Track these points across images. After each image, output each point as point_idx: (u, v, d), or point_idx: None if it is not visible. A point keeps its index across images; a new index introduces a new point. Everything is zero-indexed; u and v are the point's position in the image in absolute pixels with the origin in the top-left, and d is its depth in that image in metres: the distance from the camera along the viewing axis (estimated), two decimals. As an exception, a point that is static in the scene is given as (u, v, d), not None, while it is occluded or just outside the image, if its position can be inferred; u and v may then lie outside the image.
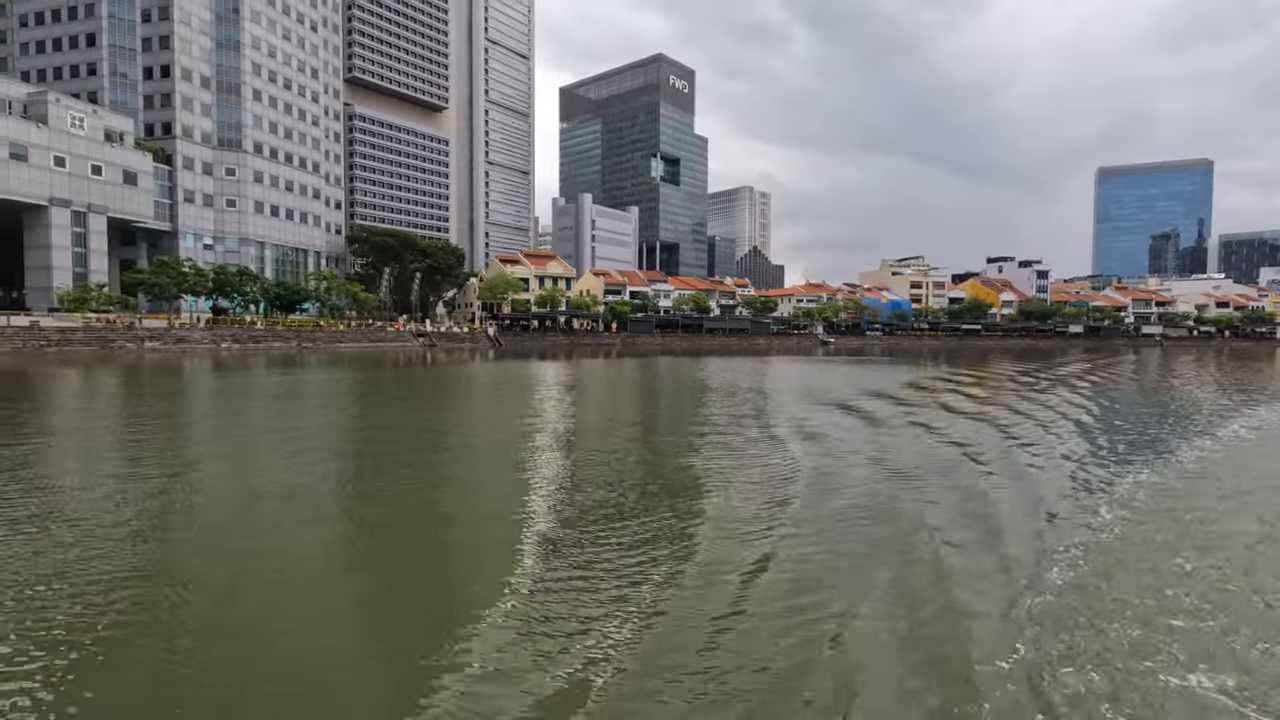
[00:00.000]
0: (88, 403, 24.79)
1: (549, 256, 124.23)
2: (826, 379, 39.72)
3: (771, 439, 16.72)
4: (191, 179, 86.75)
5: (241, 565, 7.91)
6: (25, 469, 12.67)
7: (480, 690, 5.17)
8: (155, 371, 39.23)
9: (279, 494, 11.12)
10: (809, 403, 25.71)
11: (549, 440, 16.84)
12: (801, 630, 6.11)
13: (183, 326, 66.45)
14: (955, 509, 10.32)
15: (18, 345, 50.38)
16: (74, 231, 70.74)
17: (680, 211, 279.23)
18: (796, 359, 74.25)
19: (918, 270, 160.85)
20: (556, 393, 30.81)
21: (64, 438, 16.66)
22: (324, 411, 23.49)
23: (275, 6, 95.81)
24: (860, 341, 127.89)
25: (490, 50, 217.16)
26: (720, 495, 11.00)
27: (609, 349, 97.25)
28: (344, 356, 63.02)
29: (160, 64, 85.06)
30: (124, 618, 6.36)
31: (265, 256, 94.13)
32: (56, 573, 7.36)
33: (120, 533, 8.81)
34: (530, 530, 9.07)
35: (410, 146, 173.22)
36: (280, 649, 5.91)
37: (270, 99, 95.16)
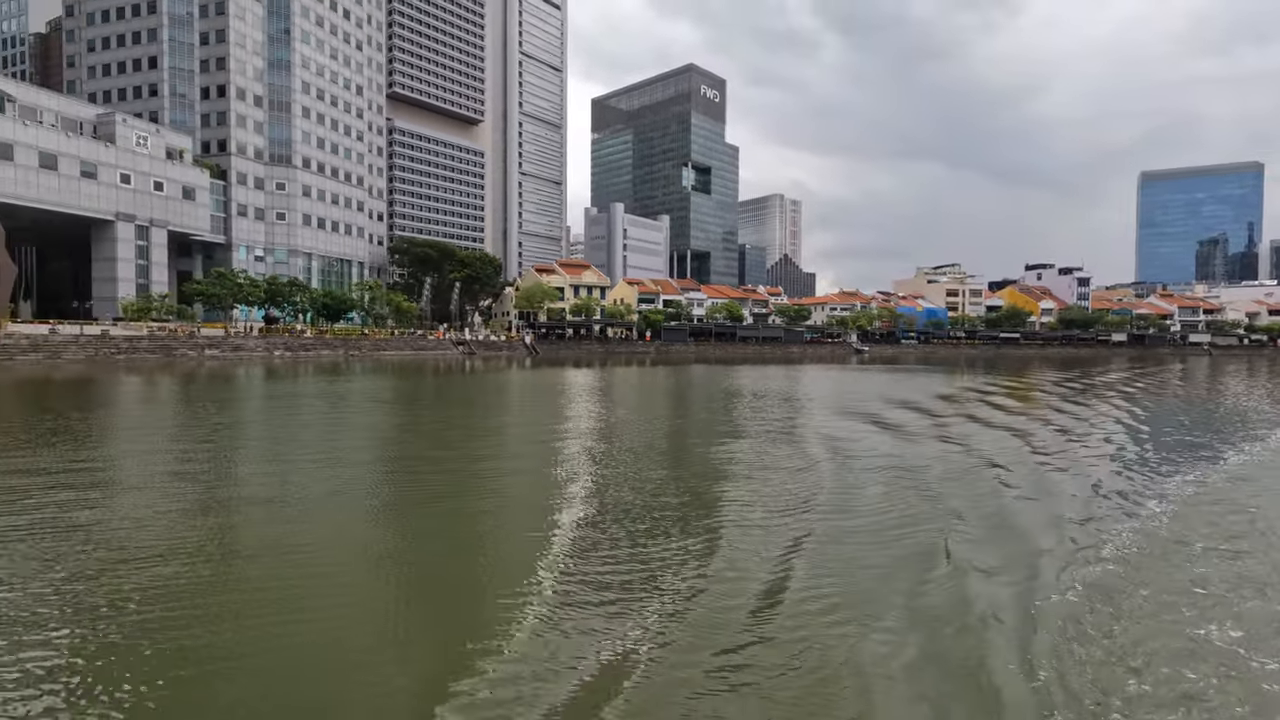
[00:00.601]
0: (161, 408, 26.60)
1: (584, 266, 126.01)
2: (860, 387, 40.08)
3: (800, 450, 16.50)
4: (244, 193, 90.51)
5: (283, 560, 8.34)
6: (105, 470, 14.11)
7: (507, 685, 5.31)
8: (216, 378, 41.37)
9: (331, 492, 11.88)
10: (840, 412, 26.02)
11: (583, 445, 17.44)
12: (822, 641, 6.11)
13: (238, 335, 69.43)
14: (983, 525, 10.07)
15: (90, 353, 53.37)
16: (137, 245, 74.46)
17: (711, 220, 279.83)
18: (830, 368, 74.29)
19: (954, 278, 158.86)
20: (592, 400, 31.78)
21: (142, 440, 18.22)
22: (376, 416, 24.90)
23: (323, 27, 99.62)
24: (895, 350, 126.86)
25: (524, 63, 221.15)
26: (747, 503, 11.03)
27: (643, 357, 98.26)
28: (388, 364, 65.13)
29: (216, 84, 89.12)
30: (169, 608, 6.71)
31: (312, 267, 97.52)
32: (110, 565, 7.81)
33: (178, 525, 9.62)
34: (559, 532, 9.39)
35: (447, 159, 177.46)
36: (318, 642, 6.15)
37: (318, 116, 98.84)
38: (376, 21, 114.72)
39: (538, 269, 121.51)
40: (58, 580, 7.40)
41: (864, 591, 7.33)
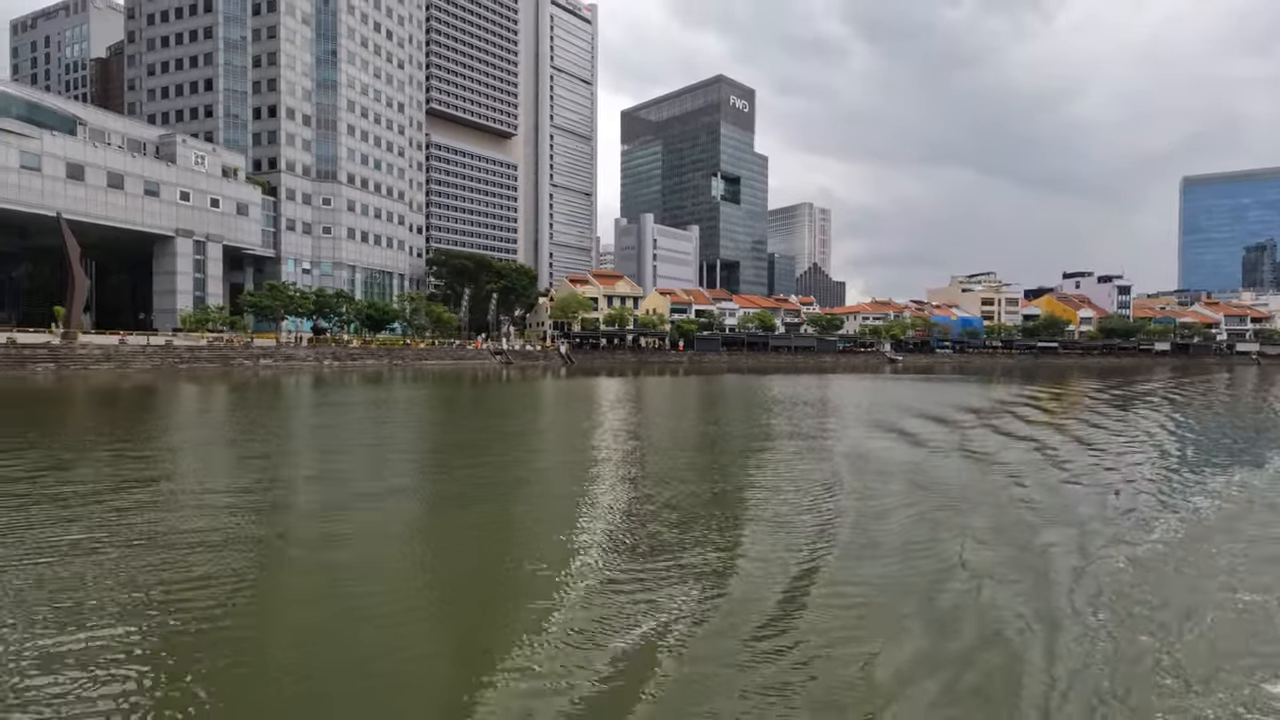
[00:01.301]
0: (232, 414, 28.38)
1: (617, 276, 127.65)
2: (896, 396, 40.42)
3: (833, 463, 16.13)
4: (293, 209, 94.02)
5: (326, 560, 8.82)
6: (166, 472, 15.57)
7: (536, 688, 5.49)
8: (272, 386, 43.43)
9: (382, 494, 12.70)
10: (876, 424, 25.90)
11: (618, 452, 18.05)
12: (843, 653, 6.13)
13: (289, 345, 72.19)
14: (1017, 542, 9.64)
15: (156, 362, 56.22)
16: (194, 259, 77.92)
17: (740, 229, 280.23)
18: (864, 377, 74.35)
19: (989, 286, 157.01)
20: (628, 408, 32.76)
21: (222, 440, 19.77)
22: (428, 423, 26.29)
23: (367, 48, 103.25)
24: (930, 360, 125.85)
25: (555, 77, 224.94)
26: (772, 516, 10.89)
27: (675, 367, 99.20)
28: (431, 373, 67.10)
29: (268, 105, 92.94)
30: (218, 603, 7.09)
31: (355, 279, 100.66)
32: (161, 562, 8.29)
33: (253, 517, 10.54)
34: (590, 537, 9.67)
35: (481, 172, 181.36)
36: (356, 642, 6.38)
37: (362, 133, 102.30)
38: (417, 41, 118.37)
39: (571, 279, 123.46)
40: (120, 564, 8.22)
41: (887, 610, 7.11)
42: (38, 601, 7.03)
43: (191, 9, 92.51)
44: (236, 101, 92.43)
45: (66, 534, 9.40)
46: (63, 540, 9.09)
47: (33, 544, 8.92)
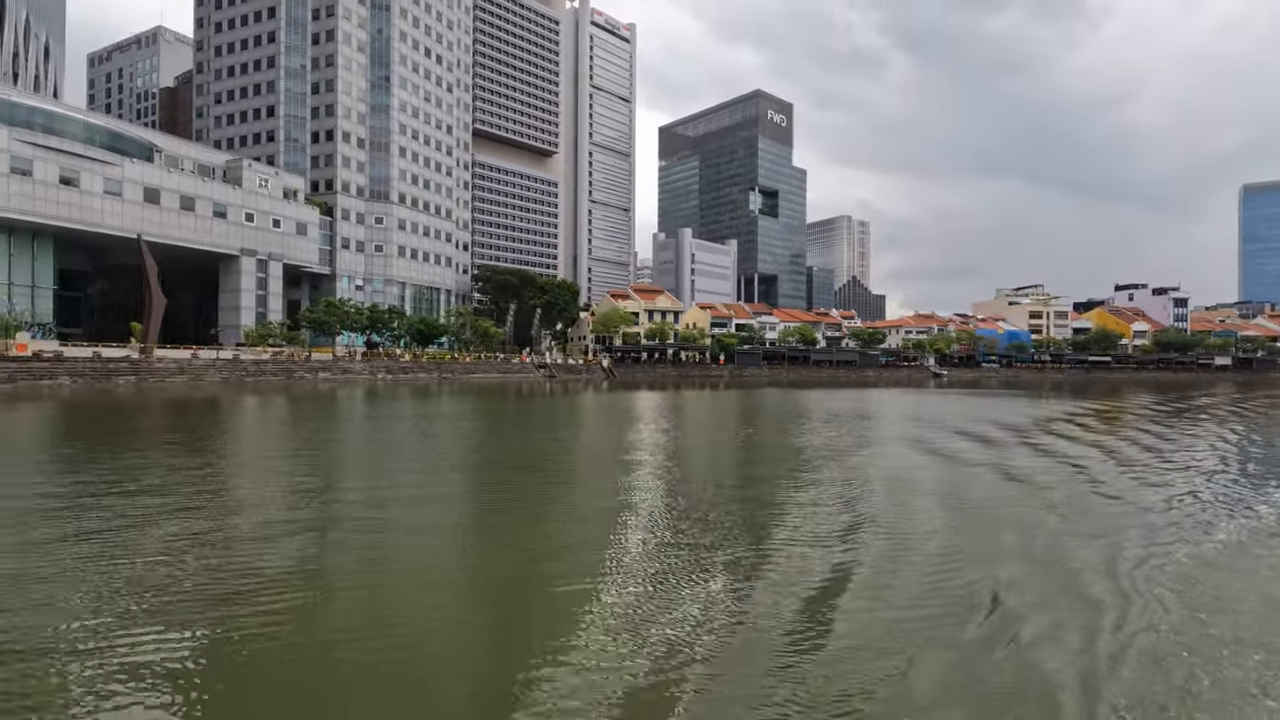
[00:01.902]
0: (293, 425, 30.01)
1: (657, 291, 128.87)
2: (944, 410, 40.21)
3: (874, 482, 15.69)
4: (348, 228, 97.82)
5: (371, 561, 9.34)
6: (238, 477, 16.78)
7: (565, 690, 5.66)
8: (333, 399, 45.39)
9: (446, 495, 13.64)
10: (921, 440, 25.46)
11: (660, 464, 18.58)
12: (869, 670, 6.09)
13: (345, 359, 75.02)
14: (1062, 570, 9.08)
15: (225, 375, 59.19)
16: (257, 277, 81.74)
17: (778, 243, 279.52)
18: (907, 391, 73.65)
19: (1037, 299, 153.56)
20: (669, 421, 33.44)
21: (290, 446, 21.14)
22: (482, 432, 27.42)
23: (418, 72, 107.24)
24: (976, 374, 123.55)
25: (594, 96, 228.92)
26: (810, 536, 10.63)
27: (716, 380, 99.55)
28: (478, 387, 68.96)
29: (325, 129, 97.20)
30: (267, 600, 7.54)
31: (405, 295, 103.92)
32: (218, 561, 8.91)
33: (313, 517, 11.46)
34: (629, 547, 10.00)
35: (523, 190, 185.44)
36: (395, 642, 6.64)
37: (412, 154, 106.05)
38: (464, 64, 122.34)
39: (613, 294, 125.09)
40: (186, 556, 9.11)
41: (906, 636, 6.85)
42: (120, 587, 7.86)
43: (256, 40, 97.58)
44: (296, 126, 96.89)
45: (158, 529, 10.60)
46: (158, 533, 10.28)
47: (130, 536, 10.12)
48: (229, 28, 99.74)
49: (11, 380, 46.53)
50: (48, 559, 8.91)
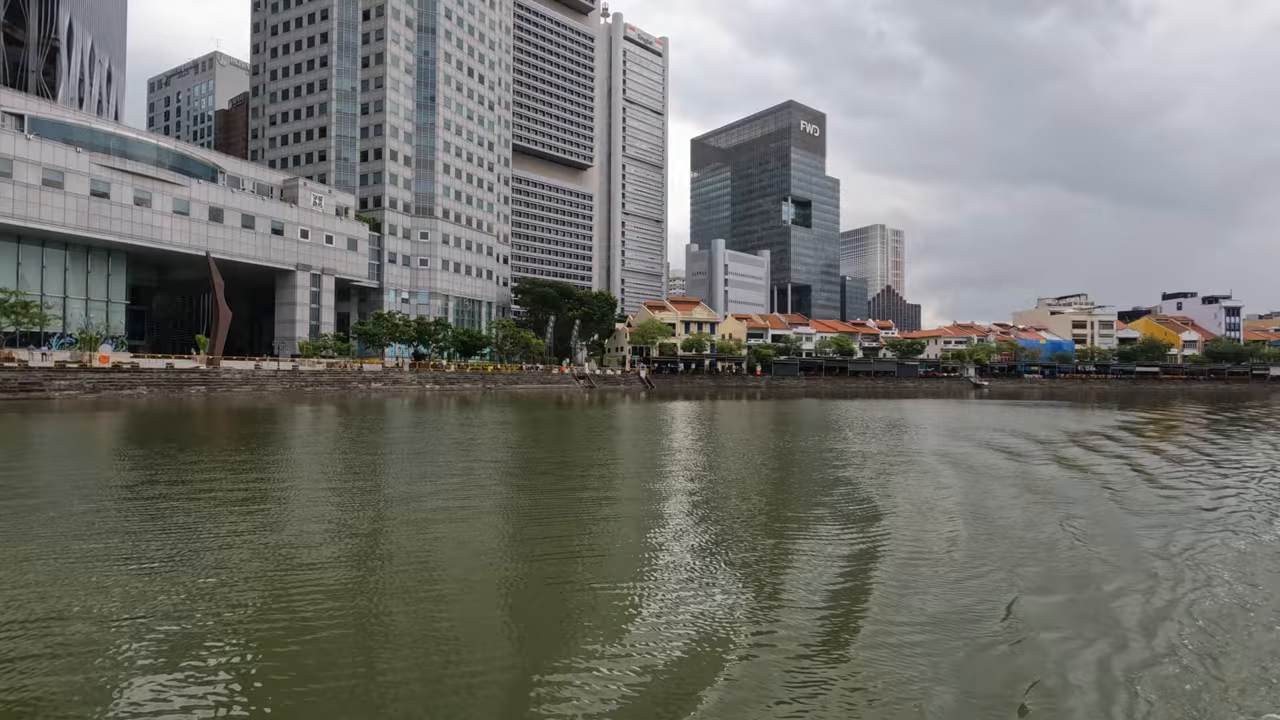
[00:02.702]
0: (357, 432, 31.68)
1: (694, 303, 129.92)
2: (984, 422, 40.23)
3: (915, 499, 15.11)
4: (394, 243, 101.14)
5: (417, 562, 9.74)
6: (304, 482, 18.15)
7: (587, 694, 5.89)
8: (388, 408, 47.26)
9: (493, 507, 14.06)
10: (967, 459, 25.92)
11: (699, 473, 19.12)
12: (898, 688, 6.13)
13: (394, 369, 77.56)
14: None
15: (286, 385, 61.87)
16: (311, 291, 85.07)
17: (811, 253, 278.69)
18: (948, 402, 73.26)
19: (1080, 308, 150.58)
20: (708, 431, 34.18)
21: (354, 450, 22.60)
22: (530, 441, 28.67)
23: (461, 91, 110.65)
24: (1017, 385, 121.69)
25: (627, 109, 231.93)
26: (848, 553, 10.47)
27: (753, 391, 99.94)
28: (521, 397, 70.65)
29: (374, 148, 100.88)
30: (321, 602, 7.97)
31: (448, 307, 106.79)
32: (276, 563, 9.47)
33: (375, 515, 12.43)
34: (664, 557, 10.26)
35: (559, 203, 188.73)
36: (433, 644, 6.94)
37: (456, 171, 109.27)
38: (505, 83, 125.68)
39: (649, 305, 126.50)
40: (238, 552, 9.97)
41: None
42: (189, 575, 8.86)
43: (309, 64, 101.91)
44: (346, 146, 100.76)
45: (236, 524, 11.98)
46: (234, 527, 11.66)
47: (211, 526, 11.51)
48: (283, 53, 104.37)
49: (95, 390, 49.56)
50: (149, 548, 10.36)
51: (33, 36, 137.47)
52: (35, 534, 10.85)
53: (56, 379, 48.63)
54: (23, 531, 11.07)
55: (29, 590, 8.16)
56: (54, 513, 12.46)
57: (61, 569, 9.03)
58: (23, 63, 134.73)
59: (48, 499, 13.87)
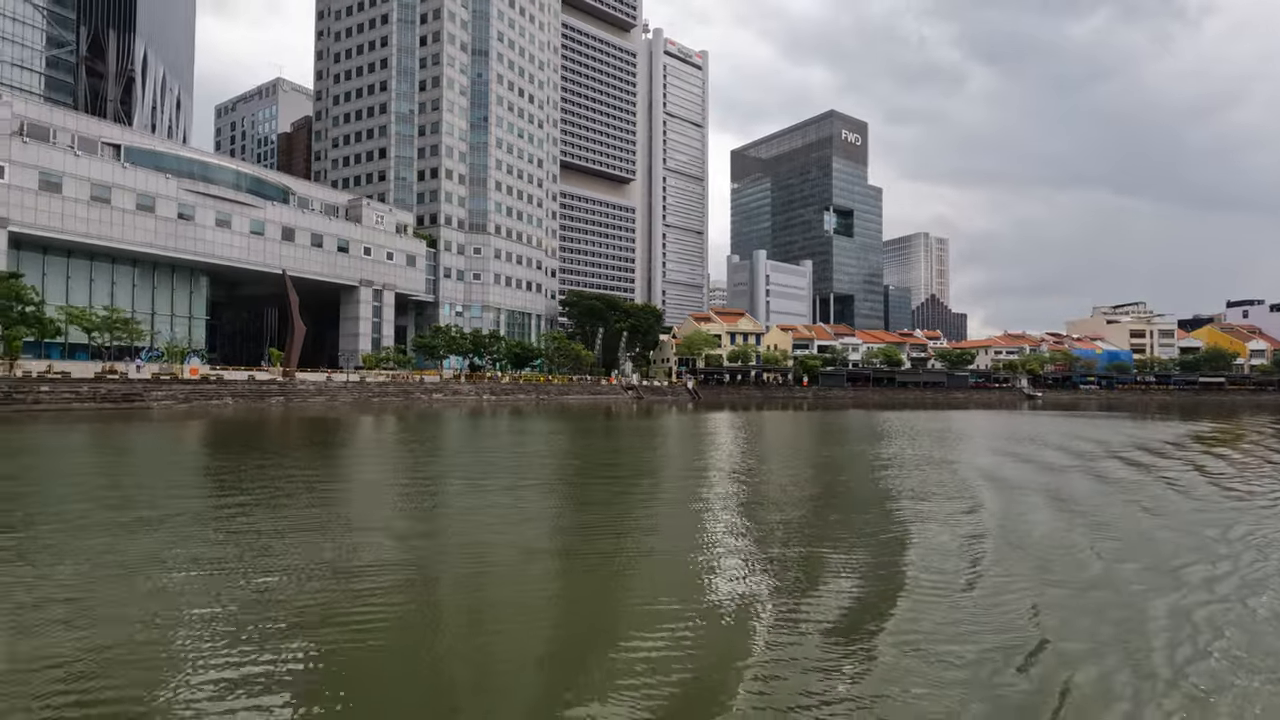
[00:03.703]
0: (429, 441, 33.54)
1: (739, 314, 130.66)
2: (1044, 434, 40.05)
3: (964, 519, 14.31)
4: (449, 258, 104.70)
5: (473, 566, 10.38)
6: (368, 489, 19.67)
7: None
8: (454, 418, 49.39)
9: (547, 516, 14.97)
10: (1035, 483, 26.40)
11: (753, 483, 19.57)
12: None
13: (452, 381, 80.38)
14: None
15: (355, 396, 64.93)
16: (373, 305, 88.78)
17: (853, 263, 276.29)
18: (1002, 414, 72.38)
19: (1138, 317, 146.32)
20: (758, 441, 35.05)
21: (432, 455, 24.24)
22: (592, 449, 30.05)
23: (513, 111, 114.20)
24: (1073, 396, 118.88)
25: (668, 123, 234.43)
26: (900, 584, 9.73)
27: (800, 402, 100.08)
28: (572, 407, 72.50)
29: (430, 168, 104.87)
30: (377, 599, 8.48)
31: (500, 320, 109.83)
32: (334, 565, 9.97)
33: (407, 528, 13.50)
34: (718, 569, 10.46)
35: (602, 217, 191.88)
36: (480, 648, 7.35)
37: (507, 188, 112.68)
38: (553, 101, 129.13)
39: (695, 317, 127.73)
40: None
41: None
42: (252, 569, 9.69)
43: (369, 89, 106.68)
44: (404, 166, 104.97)
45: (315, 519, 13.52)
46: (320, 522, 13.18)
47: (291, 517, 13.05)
48: (345, 79, 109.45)
49: (188, 400, 53.08)
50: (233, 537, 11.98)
51: (111, 68, 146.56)
52: (179, 532, 12.68)
53: (154, 390, 52.25)
54: (171, 536, 12.91)
55: (125, 587, 8.87)
56: (181, 515, 14.34)
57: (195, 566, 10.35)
58: (102, 92, 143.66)
59: (185, 501, 15.84)
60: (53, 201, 60.48)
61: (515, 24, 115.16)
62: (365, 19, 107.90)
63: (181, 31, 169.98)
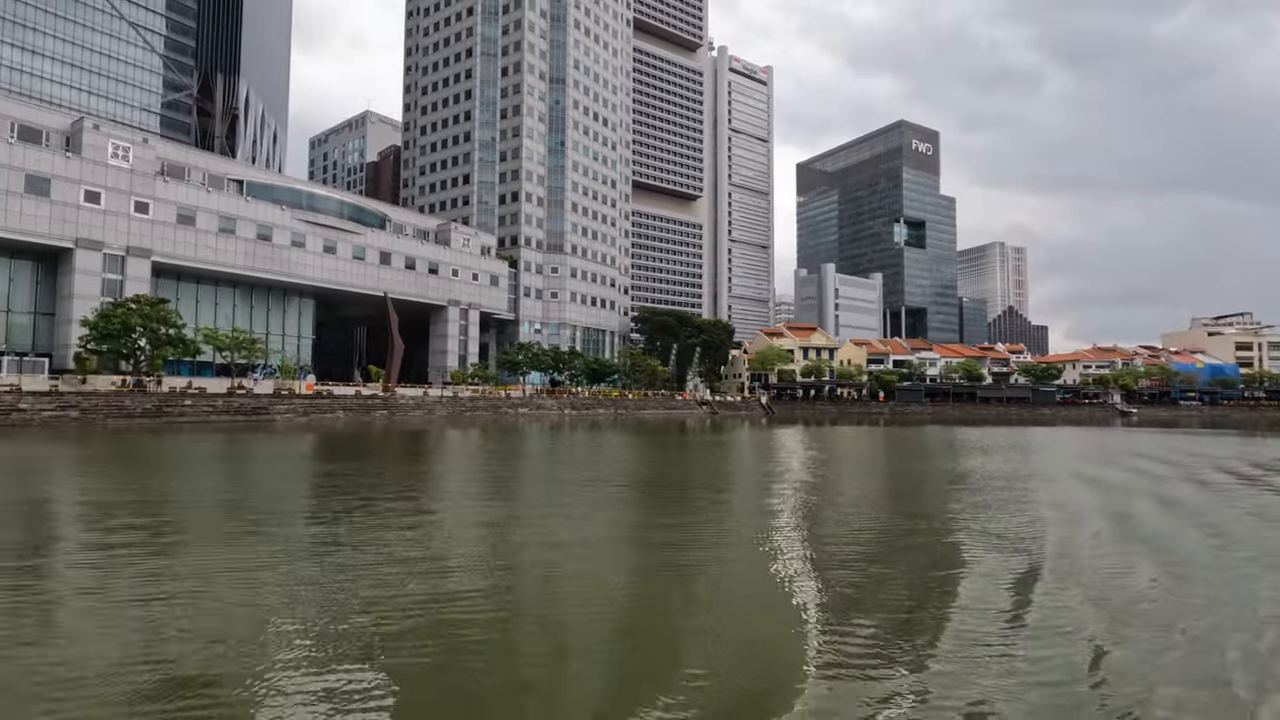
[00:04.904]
0: (540, 453, 35.55)
1: (811, 328, 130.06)
2: (1164, 460, 38.64)
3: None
4: (528, 278, 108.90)
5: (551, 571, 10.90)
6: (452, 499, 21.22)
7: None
8: (544, 432, 51.65)
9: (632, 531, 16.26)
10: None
11: (835, 501, 19.21)
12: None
13: (536, 395, 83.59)
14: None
15: (449, 410, 68.67)
16: (460, 324, 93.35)
17: (925, 275, 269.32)
18: (1100, 430, 69.63)
19: (1244, 329, 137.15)
20: (840, 456, 35.14)
21: (536, 466, 25.92)
22: (683, 462, 31.22)
23: (588, 135, 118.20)
24: (1172, 412, 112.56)
25: (733, 138, 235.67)
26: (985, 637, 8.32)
27: (876, 417, 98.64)
28: (649, 422, 74.12)
29: (510, 191, 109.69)
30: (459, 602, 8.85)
31: (576, 337, 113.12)
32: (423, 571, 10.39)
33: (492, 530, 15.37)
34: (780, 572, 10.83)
35: (671, 234, 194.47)
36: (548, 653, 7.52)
37: (582, 209, 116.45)
38: (625, 123, 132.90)
39: (766, 332, 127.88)
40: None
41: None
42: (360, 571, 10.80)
43: (454, 119, 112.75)
44: (487, 190, 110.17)
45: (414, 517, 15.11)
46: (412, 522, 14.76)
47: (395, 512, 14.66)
48: (431, 110, 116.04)
49: (306, 414, 57.64)
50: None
51: (219, 107, 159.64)
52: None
53: (277, 405, 57.03)
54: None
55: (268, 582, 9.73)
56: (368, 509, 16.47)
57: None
58: (209, 129, 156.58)
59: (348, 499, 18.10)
60: (187, 233, 66.98)
61: (590, 51, 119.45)
62: (450, 54, 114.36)
63: (278, 70, 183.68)
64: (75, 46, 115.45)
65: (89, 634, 7.57)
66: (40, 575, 10.10)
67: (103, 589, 9.31)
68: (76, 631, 7.69)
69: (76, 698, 5.99)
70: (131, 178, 63.24)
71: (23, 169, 57.12)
